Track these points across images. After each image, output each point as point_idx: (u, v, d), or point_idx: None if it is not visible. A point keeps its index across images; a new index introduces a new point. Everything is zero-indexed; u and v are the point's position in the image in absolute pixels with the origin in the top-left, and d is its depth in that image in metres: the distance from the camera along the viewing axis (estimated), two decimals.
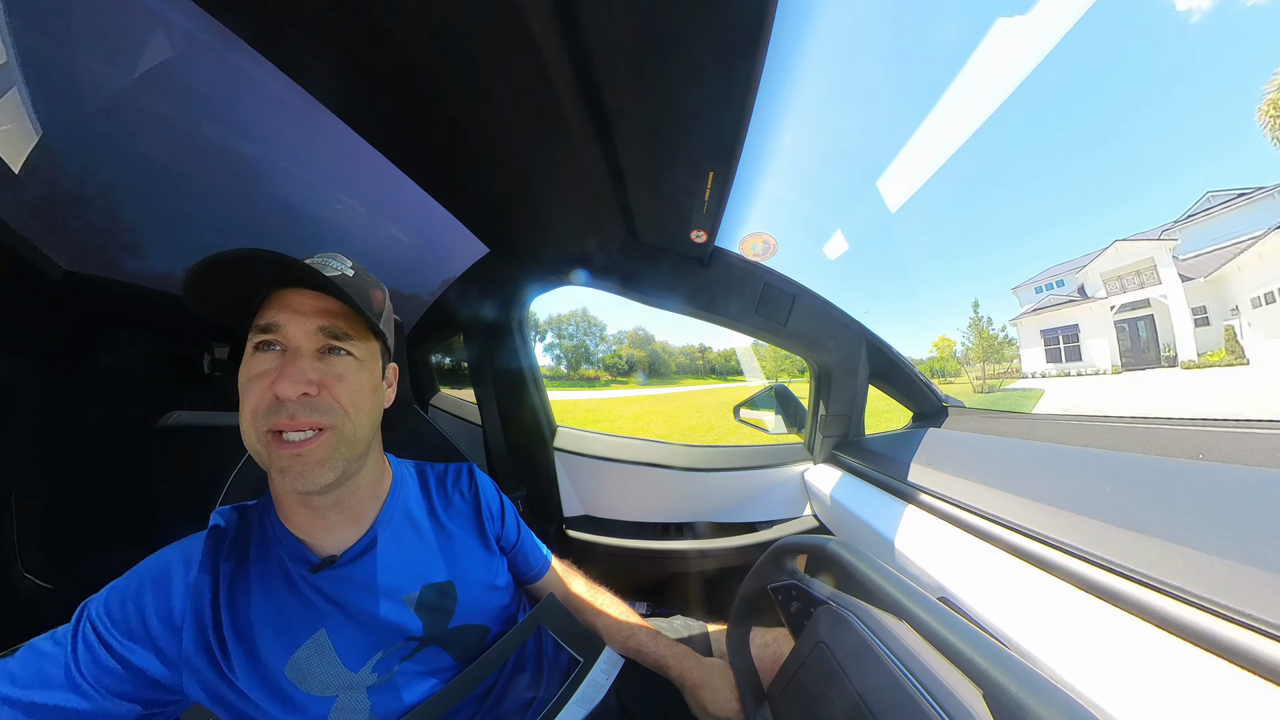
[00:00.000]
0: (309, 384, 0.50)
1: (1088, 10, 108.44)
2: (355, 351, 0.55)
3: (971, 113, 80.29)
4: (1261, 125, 12.31)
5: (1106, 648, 0.43)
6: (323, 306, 0.53)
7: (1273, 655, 0.34)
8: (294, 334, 0.52)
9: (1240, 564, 0.41)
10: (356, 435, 0.55)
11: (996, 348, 30.72)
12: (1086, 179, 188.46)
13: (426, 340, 1.72)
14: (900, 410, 1.38)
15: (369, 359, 0.58)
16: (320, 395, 0.51)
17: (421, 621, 0.59)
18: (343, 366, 0.54)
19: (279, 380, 0.49)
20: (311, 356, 0.52)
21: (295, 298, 0.53)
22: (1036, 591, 0.53)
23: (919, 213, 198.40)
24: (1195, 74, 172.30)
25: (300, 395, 0.49)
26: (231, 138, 1.07)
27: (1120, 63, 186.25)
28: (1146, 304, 19.62)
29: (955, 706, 0.34)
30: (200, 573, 0.52)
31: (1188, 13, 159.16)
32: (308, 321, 0.52)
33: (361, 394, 0.56)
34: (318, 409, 0.51)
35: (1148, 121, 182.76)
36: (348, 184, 1.27)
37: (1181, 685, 0.37)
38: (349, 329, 0.55)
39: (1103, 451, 0.79)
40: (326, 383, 0.52)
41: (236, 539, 0.57)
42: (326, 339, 0.53)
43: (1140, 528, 0.50)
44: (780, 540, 0.63)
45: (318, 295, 0.53)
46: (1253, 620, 0.36)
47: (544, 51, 0.50)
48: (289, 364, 0.50)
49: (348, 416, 0.53)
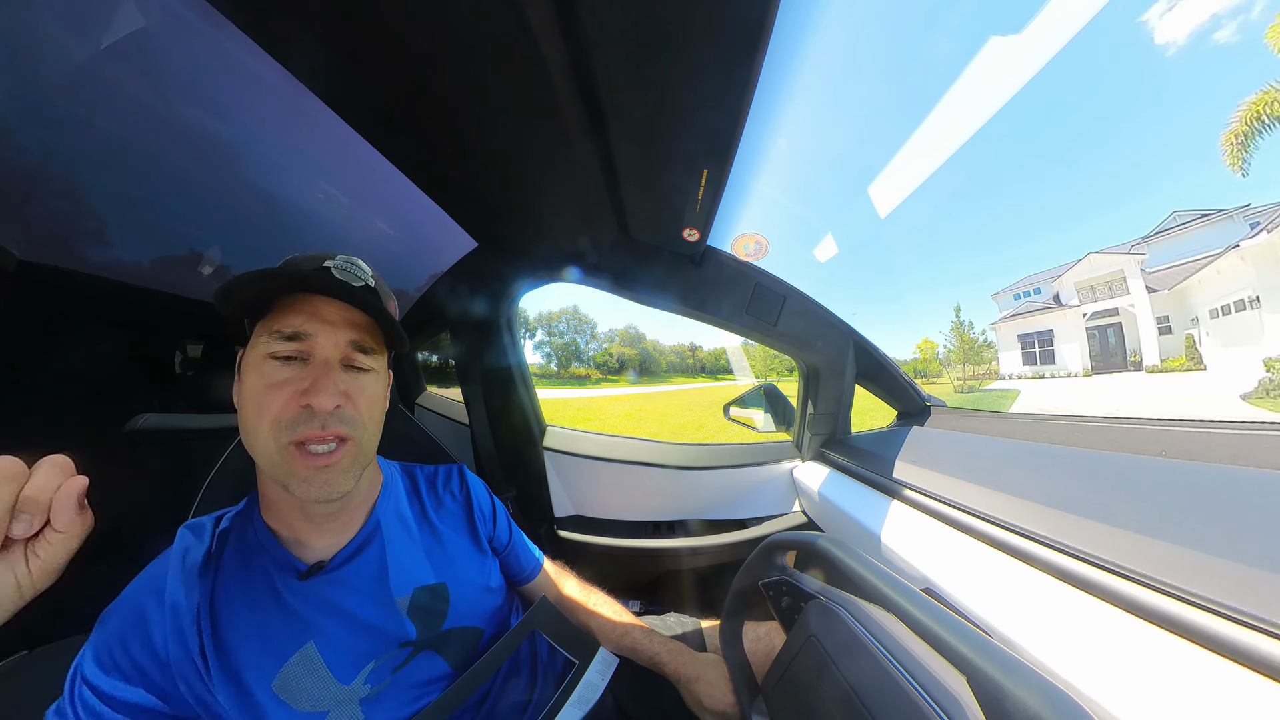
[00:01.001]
0: (339, 396, 0.50)
1: (1076, 34, 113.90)
2: (375, 365, 0.56)
3: (961, 125, 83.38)
4: (1223, 151, 13.52)
5: (1081, 633, 0.45)
6: (352, 318, 0.53)
7: (1227, 634, 0.37)
8: (325, 345, 0.51)
9: (1198, 551, 0.44)
10: (371, 445, 0.55)
11: (976, 350, 32.05)
12: (1066, 193, 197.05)
13: (412, 337, 1.67)
14: (885, 409, 1.41)
15: (382, 370, 0.58)
16: (347, 406, 0.52)
17: (415, 625, 0.58)
18: (365, 379, 0.55)
19: (314, 392, 0.49)
20: (338, 370, 0.52)
21: (325, 307, 0.52)
22: (1015, 582, 0.55)
23: (907, 219, 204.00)
24: (1170, 100, 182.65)
25: (334, 407, 0.50)
26: (207, 119, 1.00)
27: (1102, 86, 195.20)
28: (1116, 312, 21.28)
29: (941, 693, 0.35)
30: (174, 599, 0.49)
31: (1165, 45, 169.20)
32: (339, 334, 0.52)
33: (376, 405, 0.56)
34: (344, 420, 0.51)
35: (1125, 142, 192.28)
36: (331, 173, 1.20)
37: (1146, 663, 0.39)
38: (374, 343, 0.55)
39: (1075, 449, 0.83)
40: (351, 395, 0.52)
41: (211, 552, 0.54)
42: (354, 352, 0.53)
43: (1109, 520, 0.53)
44: (771, 537, 0.64)
45: (346, 306, 0.53)
46: (1208, 602, 0.39)
47: (540, 41, 0.49)
48: (323, 376, 0.50)
49: (365, 428, 0.53)
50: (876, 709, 0.39)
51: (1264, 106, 12.86)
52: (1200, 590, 0.40)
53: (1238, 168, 14.02)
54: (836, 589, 0.54)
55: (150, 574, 0.52)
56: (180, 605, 0.49)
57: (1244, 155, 13.65)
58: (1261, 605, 0.36)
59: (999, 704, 0.32)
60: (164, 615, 0.48)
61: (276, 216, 1.28)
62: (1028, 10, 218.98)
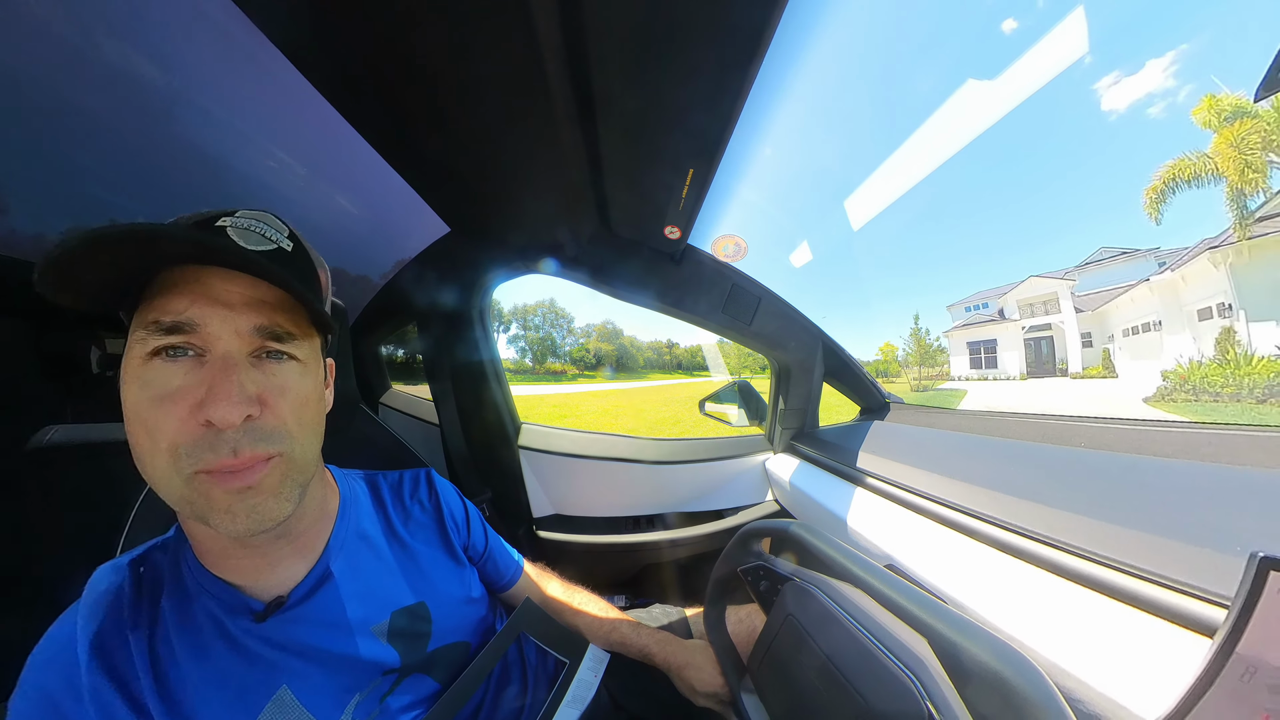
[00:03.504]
0: (251, 402, 0.38)
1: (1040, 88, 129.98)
2: (298, 353, 0.43)
3: (933, 154, 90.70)
4: (1145, 201, 16.63)
5: (1018, 593, 0.52)
6: (257, 295, 0.40)
7: (1128, 586, 0.44)
8: (221, 335, 0.38)
9: (1106, 523, 0.52)
10: (307, 457, 0.44)
11: (931, 354, 35.49)
12: (1016, 223, 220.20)
13: (376, 329, 1.57)
14: (850, 405, 1.49)
15: (312, 360, 0.45)
16: (264, 415, 0.40)
17: (397, 651, 0.53)
18: (285, 375, 0.42)
19: (212, 401, 0.36)
20: (246, 365, 0.39)
21: (218, 283, 0.38)
22: (965, 555, 0.62)
23: (877, 233, 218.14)
24: (1108, 155, 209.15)
25: (244, 420, 0.38)
26: (133, 56, 0.76)
27: (1056, 134, 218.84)
28: (1049, 327, 25.14)
29: (907, 654, 0.38)
30: (93, 684, 0.38)
31: (1110, 111, 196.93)
32: (239, 318, 0.39)
33: (309, 407, 0.44)
34: (264, 436, 0.39)
35: (1069, 185, 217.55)
36: (286, 137, 0.99)
37: (1068, 614, 0.47)
38: (292, 325, 0.42)
39: (1012, 441, 0.94)
40: (268, 397, 0.40)
41: (137, 603, 0.43)
42: (264, 341, 0.40)
43: (1039, 499, 0.61)
44: (746, 526, 0.66)
45: (250, 280, 0.39)
46: (1111, 561, 0.47)
47: (537, 16, 0.47)
48: (222, 378, 0.37)
49: (295, 439, 0.42)
50: (852, 674, 0.42)
51: (1178, 171, 15.54)
52: (1106, 552, 0.48)
53: (1154, 217, 16.92)
54: (809, 570, 0.57)
55: (56, 645, 0.40)
56: (103, 690, 0.38)
57: (1159, 208, 16.51)
58: (1153, 562, 0.44)
59: (956, 659, 0.36)
60: (83, 708, 0.38)
61: (218, 184, 1.04)
62: (1003, 60, 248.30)
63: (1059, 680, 0.34)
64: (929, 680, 0.36)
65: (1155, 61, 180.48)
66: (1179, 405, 14.16)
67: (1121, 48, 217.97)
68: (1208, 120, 15.01)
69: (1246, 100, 15.02)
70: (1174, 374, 15.52)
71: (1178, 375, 15.36)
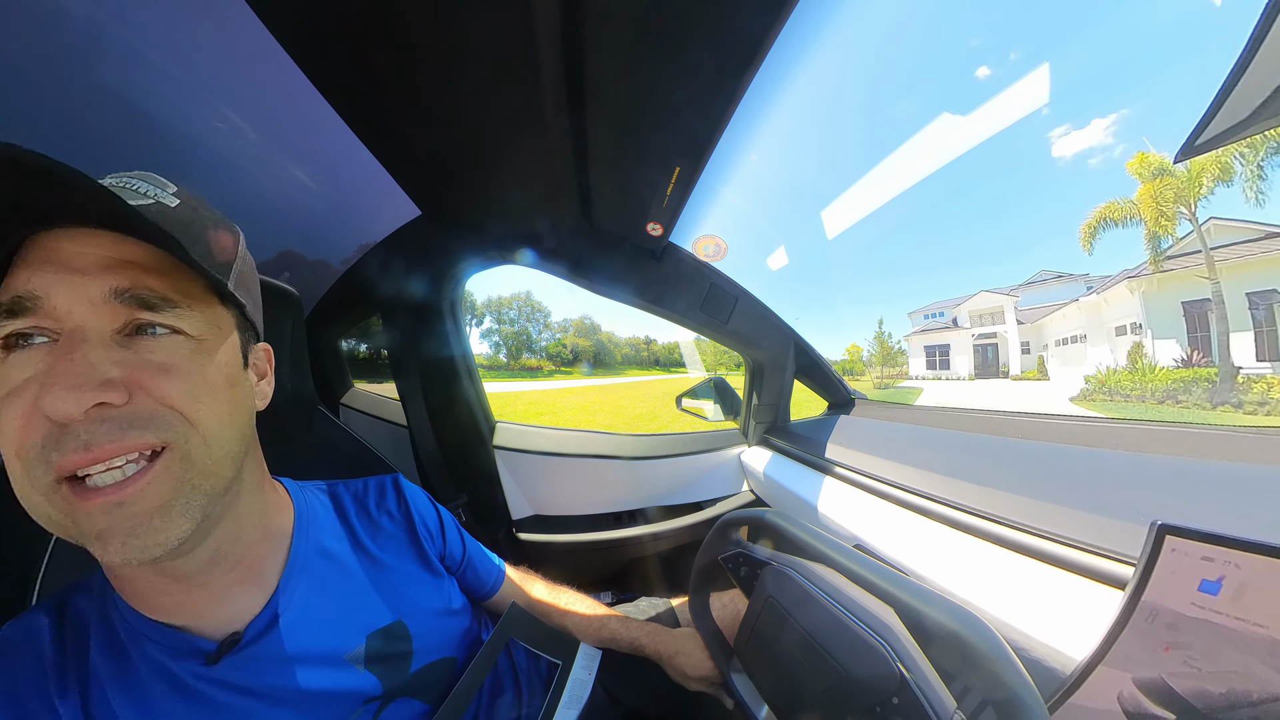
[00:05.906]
0: (103, 386, 0.30)
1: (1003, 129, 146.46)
2: (185, 326, 0.35)
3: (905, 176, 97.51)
4: (1080, 235, 20.70)
5: (969, 563, 0.58)
6: (120, 256, 0.32)
7: (1057, 552, 0.51)
8: (72, 309, 0.31)
9: (1039, 500, 0.59)
10: (213, 454, 0.36)
11: (892, 356, 38.86)
12: (972, 243, 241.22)
13: (335, 321, 1.43)
14: (818, 400, 1.56)
15: (211, 335, 0.37)
16: (135, 400, 0.32)
17: (377, 677, 0.48)
18: (167, 351, 0.34)
19: (44, 389, 0.29)
20: (106, 342, 0.32)
21: (66, 244, 0.31)
22: (922, 532, 0.68)
23: (850, 243, 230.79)
24: (1054, 193, 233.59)
25: (91, 409, 0.30)
26: None
27: (1013, 170, 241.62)
28: (994, 336, 28.92)
29: (877, 624, 0.42)
30: None
31: (1059, 158, 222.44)
32: (91, 283, 0.31)
33: (213, 393, 0.36)
34: (134, 422, 0.31)
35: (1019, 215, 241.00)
36: (239, 97, 0.84)
37: (1011, 578, 0.54)
38: (170, 290, 0.34)
39: (961, 433, 1.03)
40: (141, 379, 0.32)
41: (61, 661, 0.36)
42: (131, 309, 0.32)
43: (984, 482, 0.68)
44: (724, 516, 0.68)
45: (111, 238, 0.32)
46: (1045, 532, 0.53)
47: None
48: (62, 358, 0.30)
49: (192, 427, 0.34)
50: (830, 646, 0.45)
51: (1109, 212, 19.07)
52: (1038, 524, 0.54)
53: (1087, 249, 20.82)
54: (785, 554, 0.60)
55: None
56: None
57: (1091, 241, 20.28)
58: (1076, 531, 0.51)
59: (919, 623, 0.40)
60: None
61: (153, 145, 0.85)
62: (977, 99, 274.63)
63: (1006, 634, 0.38)
64: (897, 644, 0.40)
65: (1099, 120, 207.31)
66: (1097, 404, 16.67)
67: (1074, 104, 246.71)
68: (1140, 173, 18.34)
69: (1169, 160, 18.44)
70: (1094, 378, 18.55)
71: (1097, 380, 18.34)
